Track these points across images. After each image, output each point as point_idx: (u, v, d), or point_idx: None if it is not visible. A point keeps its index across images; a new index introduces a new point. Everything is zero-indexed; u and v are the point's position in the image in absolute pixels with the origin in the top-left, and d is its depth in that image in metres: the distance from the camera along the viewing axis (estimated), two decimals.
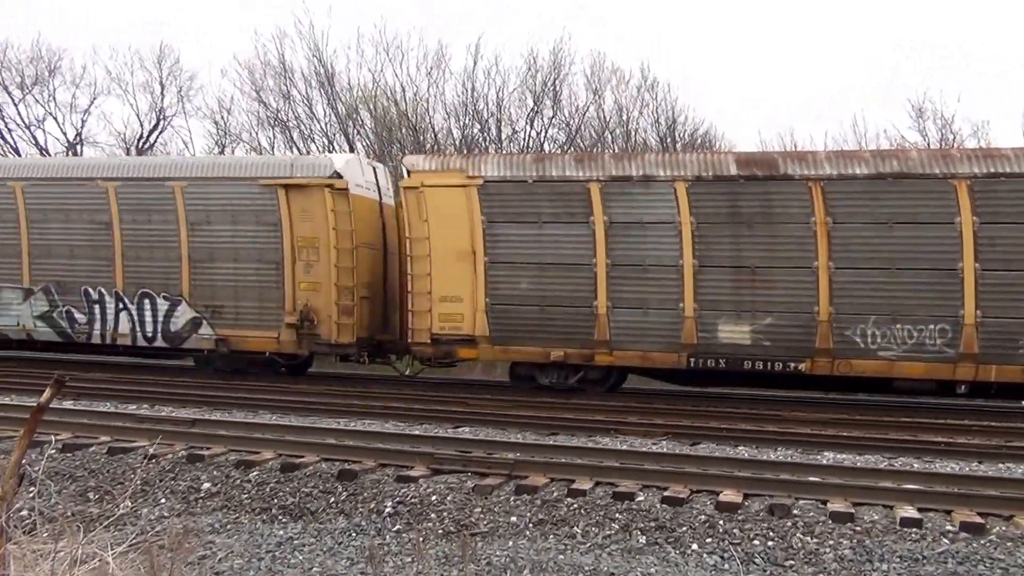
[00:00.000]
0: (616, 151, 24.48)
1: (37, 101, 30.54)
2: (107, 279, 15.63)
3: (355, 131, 27.06)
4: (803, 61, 43.35)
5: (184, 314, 15.28)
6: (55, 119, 30.90)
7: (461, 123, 26.64)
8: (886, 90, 41.45)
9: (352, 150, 26.14)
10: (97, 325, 15.66)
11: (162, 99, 30.56)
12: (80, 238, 15.80)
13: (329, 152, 26.62)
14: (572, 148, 25.45)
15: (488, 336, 13.84)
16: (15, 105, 30.37)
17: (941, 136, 23.71)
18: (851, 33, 43.95)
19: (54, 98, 30.59)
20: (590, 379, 13.98)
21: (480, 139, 25.98)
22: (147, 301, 15.50)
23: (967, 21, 41.19)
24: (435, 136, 26.14)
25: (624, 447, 9.60)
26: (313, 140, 27.96)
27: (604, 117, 26.79)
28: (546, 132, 26.80)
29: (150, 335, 15.48)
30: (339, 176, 14.73)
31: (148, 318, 15.46)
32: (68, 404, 11.14)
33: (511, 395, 13.89)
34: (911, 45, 41.90)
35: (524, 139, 26.29)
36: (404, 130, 25.84)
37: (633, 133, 26.44)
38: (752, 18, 44.53)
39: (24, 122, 30.49)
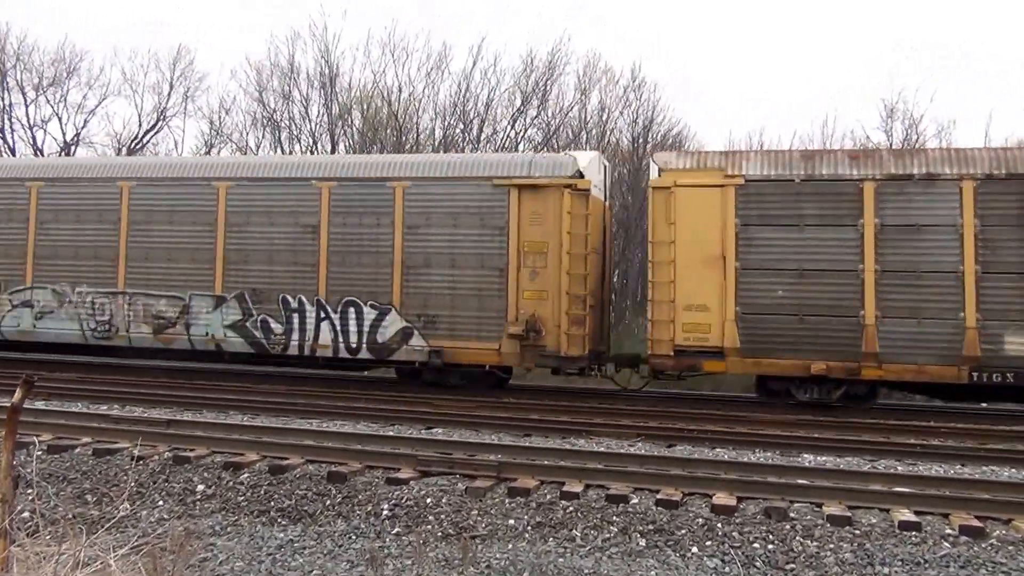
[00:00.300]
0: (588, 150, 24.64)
1: (48, 102, 30.25)
2: (309, 286, 14.68)
3: (342, 131, 26.88)
4: (804, 61, 43.92)
5: (393, 324, 14.34)
6: (59, 119, 30.50)
7: (446, 123, 26.60)
8: (885, 90, 42.34)
9: (334, 150, 25.91)
10: (295, 335, 14.61)
11: (167, 99, 30.37)
12: (282, 242, 14.84)
13: (312, 152, 26.31)
14: (547, 148, 25.56)
15: (738, 348, 12.90)
16: (26, 106, 30.10)
17: (906, 136, 24.18)
18: (851, 33, 44.70)
19: (65, 99, 30.31)
20: (853, 395, 13.00)
21: (461, 139, 25.95)
22: (352, 310, 14.55)
23: (967, 21, 42.02)
24: (417, 136, 26.05)
25: (602, 449, 9.65)
26: (300, 141, 27.78)
27: (585, 117, 26.98)
28: (525, 132, 26.88)
29: (354, 346, 14.48)
30: (581, 176, 13.90)
31: (352, 328, 14.47)
32: (40, 404, 10.83)
33: (474, 396, 13.85)
34: (911, 45, 42.53)
35: (503, 139, 26.34)
36: (389, 130, 25.65)
37: (609, 133, 26.65)
38: (753, 18, 45.01)
39: (30, 122, 30.06)
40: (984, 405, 13.93)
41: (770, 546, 6.47)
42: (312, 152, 26.70)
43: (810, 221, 12.83)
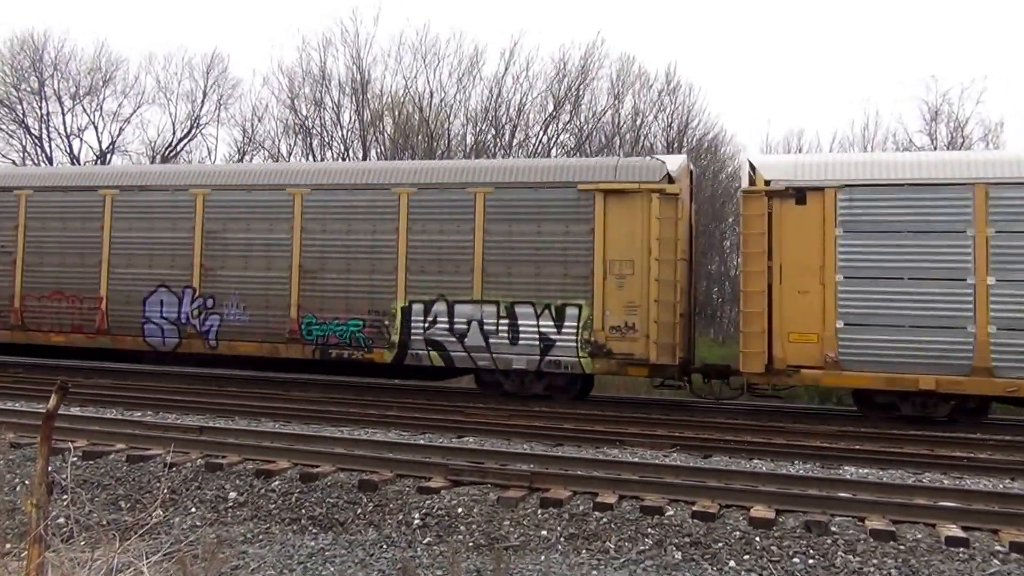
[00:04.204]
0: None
1: (85, 111, 30.83)
2: None
3: (374, 137, 27.00)
4: (836, 55, 43.54)
5: None
6: (95, 128, 31.01)
7: (478, 129, 26.57)
8: (923, 88, 41.70)
9: (366, 157, 26.01)
10: None
11: (201, 107, 30.78)
12: None
13: (343, 159, 26.36)
14: (579, 154, 25.43)
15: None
16: (63, 115, 30.86)
17: (951, 139, 23.53)
18: (886, 28, 44.23)
19: (101, 107, 30.88)
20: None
21: (493, 145, 25.94)
22: None
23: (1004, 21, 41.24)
24: (449, 142, 26.07)
25: (636, 459, 9.50)
26: (331, 147, 27.94)
27: (619, 122, 26.81)
28: (558, 137, 26.80)
29: None
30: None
31: None
32: (76, 411, 10.92)
33: (506, 405, 13.76)
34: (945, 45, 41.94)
35: (535, 144, 26.28)
36: (420, 136, 25.72)
37: (643, 138, 26.44)
38: (783, 16, 44.59)
39: (67, 131, 30.64)
40: None
41: (811, 561, 6.29)
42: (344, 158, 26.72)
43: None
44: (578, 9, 43.30)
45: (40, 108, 30.69)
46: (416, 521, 7.11)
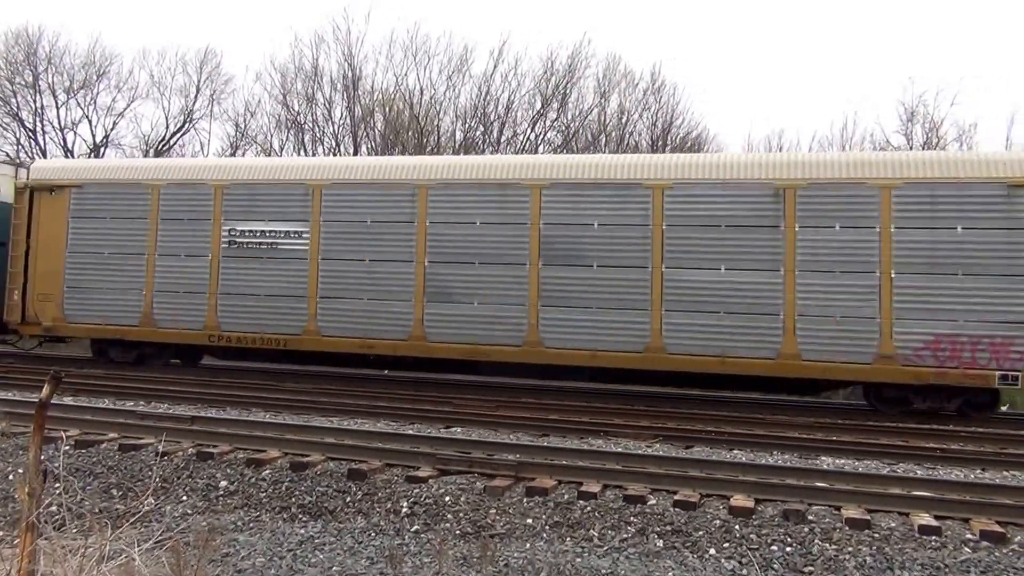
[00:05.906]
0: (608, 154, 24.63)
1: (79, 104, 30.82)
2: None
3: (365, 133, 27.08)
4: (817, 55, 43.66)
5: None
6: (89, 122, 31.08)
7: (467, 126, 26.71)
8: (902, 91, 41.84)
9: (356, 153, 26.14)
10: None
11: (194, 102, 30.83)
12: None
13: (335, 155, 26.43)
14: (566, 151, 25.62)
15: None
16: (57, 108, 30.86)
17: (926, 140, 23.96)
18: (867, 31, 44.44)
19: (94, 101, 30.84)
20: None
21: (481, 142, 26.10)
22: None
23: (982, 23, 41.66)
24: (438, 139, 26.21)
25: (620, 449, 9.66)
26: (323, 143, 28.01)
27: (604, 121, 27.01)
28: (545, 135, 26.96)
29: None
30: None
31: None
32: (68, 400, 11.01)
33: (495, 396, 13.90)
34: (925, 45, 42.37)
35: (523, 142, 26.44)
36: (410, 133, 25.84)
37: (627, 136, 26.66)
38: (764, 15, 44.71)
39: (60, 125, 30.62)
40: (1004, 409, 13.83)
41: (788, 548, 6.47)
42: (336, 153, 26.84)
43: None
44: (565, 10, 43.47)
45: (34, 102, 30.80)
46: (404, 509, 7.25)
